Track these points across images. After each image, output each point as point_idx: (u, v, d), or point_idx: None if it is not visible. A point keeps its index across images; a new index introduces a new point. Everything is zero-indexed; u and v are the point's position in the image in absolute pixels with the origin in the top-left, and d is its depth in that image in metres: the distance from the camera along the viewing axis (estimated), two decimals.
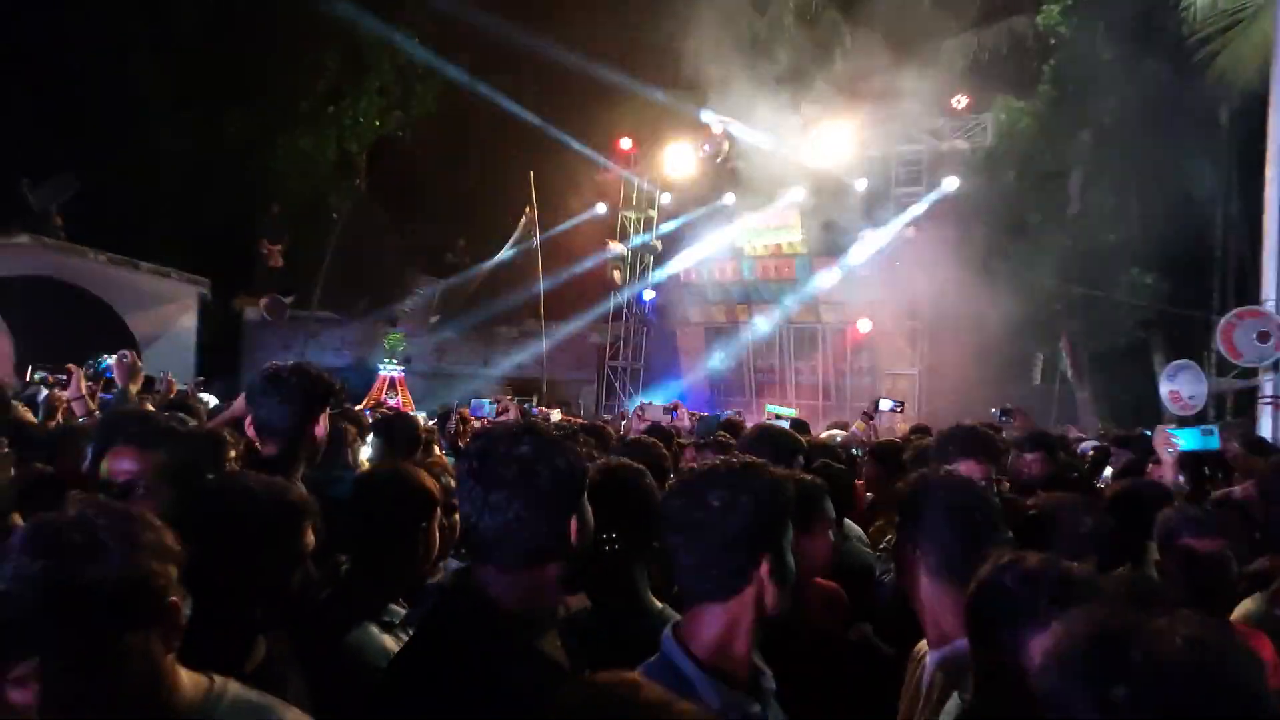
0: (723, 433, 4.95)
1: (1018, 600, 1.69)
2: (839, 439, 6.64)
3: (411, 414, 5.76)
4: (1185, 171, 14.91)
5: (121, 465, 2.51)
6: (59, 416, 4.93)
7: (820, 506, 2.67)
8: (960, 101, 17.05)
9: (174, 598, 1.45)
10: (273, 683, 1.98)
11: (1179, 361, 12.29)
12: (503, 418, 5.63)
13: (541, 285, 17.57)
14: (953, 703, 1.95)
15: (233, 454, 2.81)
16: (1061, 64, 16.00)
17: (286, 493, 1.98)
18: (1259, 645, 2.42)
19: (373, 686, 1.91)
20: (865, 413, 6.91)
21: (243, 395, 3.25)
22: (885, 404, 8.58)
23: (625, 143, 20.21)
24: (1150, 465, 4.83)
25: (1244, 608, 2.87)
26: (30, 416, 4.78)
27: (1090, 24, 15.35)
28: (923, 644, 2.25)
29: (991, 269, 16.32)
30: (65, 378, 5.11)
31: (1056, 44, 16.14)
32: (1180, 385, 11.89)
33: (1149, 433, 8.23)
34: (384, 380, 17.44)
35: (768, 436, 3.62)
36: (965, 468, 2.99)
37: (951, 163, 17.14)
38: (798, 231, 18.34)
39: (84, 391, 4.79)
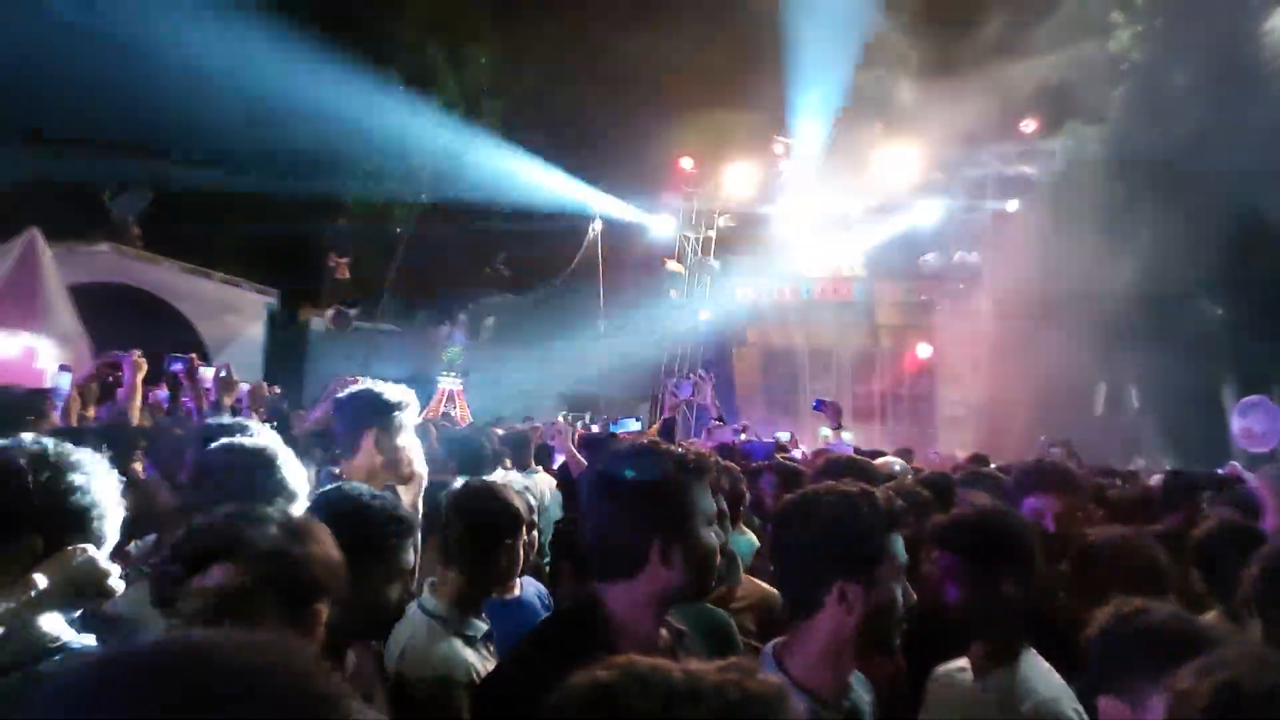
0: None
1: (1140, 657, 1.71)
2: (896, 468, 6.56)
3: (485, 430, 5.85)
4: (1259, 200, 14.53)
5: None
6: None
7: None
8: (1029, 126, 16.83)
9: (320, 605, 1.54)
10: (362, 694, 2.05)
11: (1252, 397, 11.95)
12: (555, 440, 5.66)
13: (602, 302, 17.68)
14: None
15: None
16: (1133, 90, 15.73)
17: (397, 507, 2.05)
18: None
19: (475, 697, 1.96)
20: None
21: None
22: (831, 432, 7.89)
23: (686, 163, 20.30)
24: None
25: None
26: None
27: (1165, 50, 15.07)
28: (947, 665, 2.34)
29: (1056, 296, 16.05)
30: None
31: (1128, 69, 15.87)
32: (1253, 422, 11.55)
33: (1221, 471, 8.04)
34: (443, 393, 17.68)
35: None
36: (1045, 501, 2.99)
37: (1018, 187, 16.93)
38: (857, 253, 18.23)
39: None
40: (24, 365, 10.07)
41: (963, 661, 2.30)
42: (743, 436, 5.42)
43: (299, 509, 2.41)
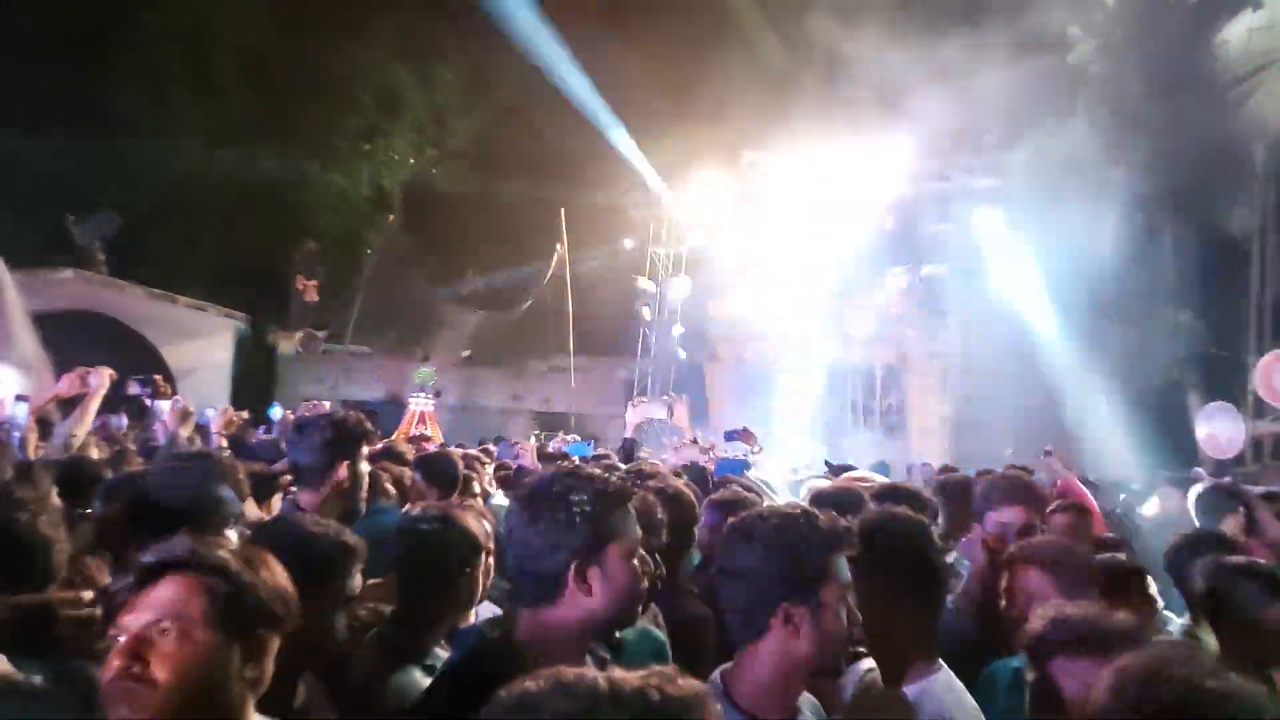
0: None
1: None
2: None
3: (450, 451, 5.78)
4: (1220, 210, 14.80)
5: None
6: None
7: None
8: (991, 138, 17.05)
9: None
10: None
11: (1216, 404, 12.15)
12: (520, 460, 5.62)
13: (571, 321, 17.66)
14: None
15: None
16: (1093, 101, 15.99)
17: (342, 535, 2.02)
18: None
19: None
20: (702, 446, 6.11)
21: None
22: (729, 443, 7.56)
23: (654, 180, 20.38)
24: None
25: None
26: None
27: (1122, 63, 15.34)
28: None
29: (1022, 307, 16.24)
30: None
31: (1088, 81, 16.13)
32: (1217, 428, 11.73)
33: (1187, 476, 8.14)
34: (414, 414, 17.55)
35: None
36: (1009, 514, 2.99)
37: (982, 200, 17.12)
38: (827, 269, 18.33)
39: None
40: None
41: (866, 663, 2.25)
42: (711, 454, 5.37)
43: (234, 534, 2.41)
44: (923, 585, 2.22)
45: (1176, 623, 3.23)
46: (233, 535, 2.33)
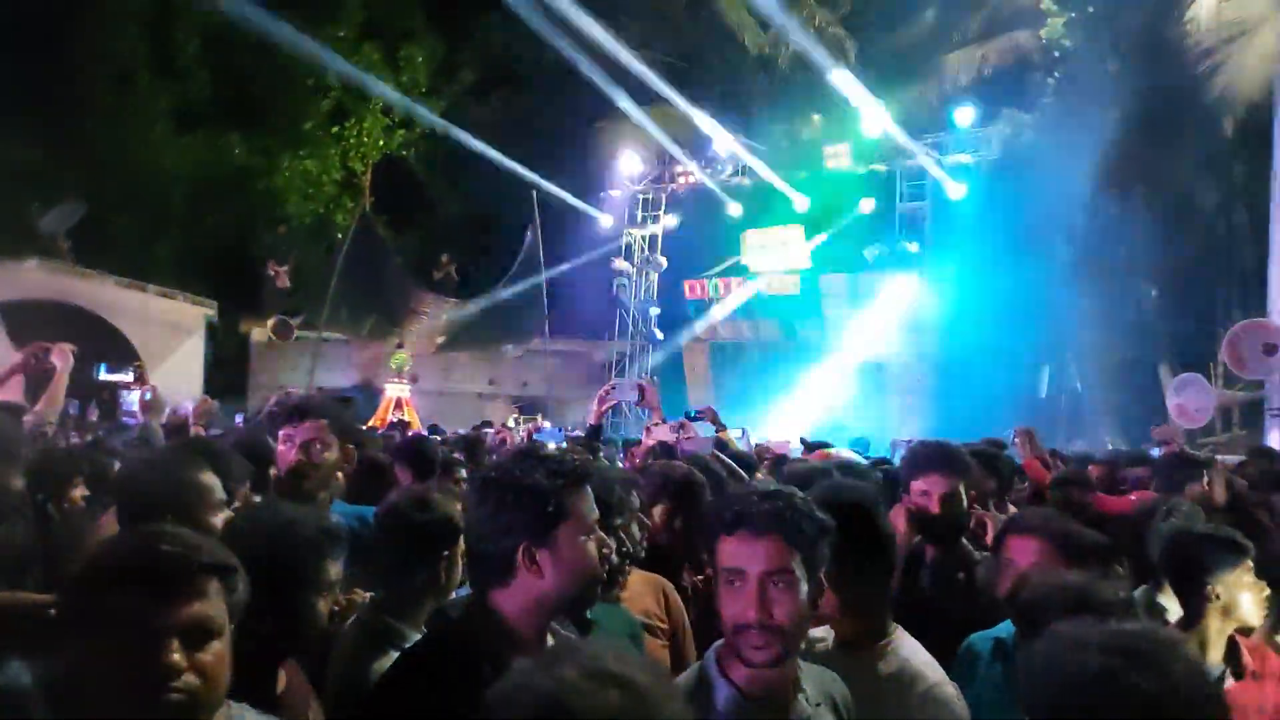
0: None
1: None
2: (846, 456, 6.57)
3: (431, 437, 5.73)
4: (1190, 183, 14.94)
5: None
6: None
7: None
8: (965, 116, 17.09)
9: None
10: (294, 712, 1.99)
11: (1185, 375, 12.28)
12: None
13: (546, 304, 17.57)
14: None
15: None
16: (1066, 77, 16.07)
17: (323, 521, 1.99)
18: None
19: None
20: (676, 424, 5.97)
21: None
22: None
23: (630, 160, 20.28)
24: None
25: None
26: None
27: (1095, 37, 15.40)
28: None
29: (997, 282, 16.35)
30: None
31: (1061, 57, 16.19)
32: (1187, 398, 11.87)
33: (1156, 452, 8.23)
34: (390, 400, 17.46)
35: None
36: (930, 482, 2.99)
37: (956, 177, 17.18)
38: (803, 247, 18.38)
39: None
40: None
41: (822, 631, 2.25)
42: (682, 434, 5.33)
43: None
44: (872, 553, 2.23)
45: (1136, 591, 3.27)
46: (219, 520, 2.30)
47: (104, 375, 15.76)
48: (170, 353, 17.24)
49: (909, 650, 2.20)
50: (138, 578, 1.38)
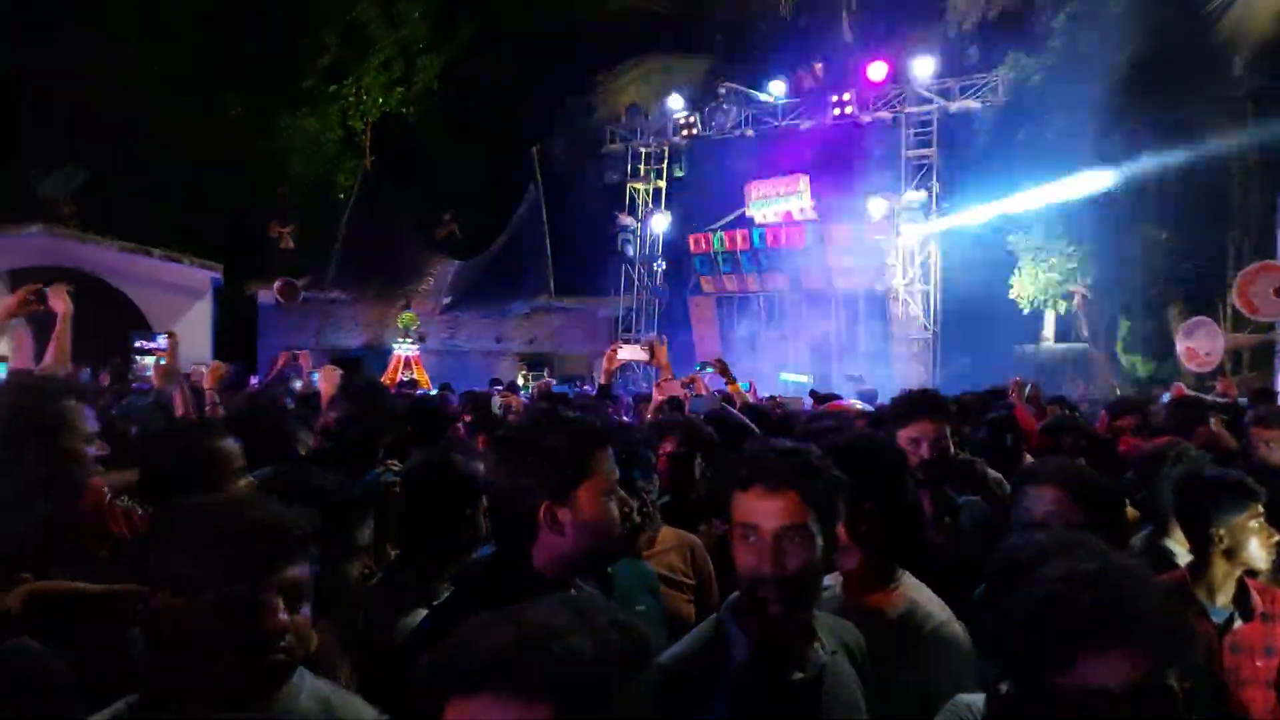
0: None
1: None
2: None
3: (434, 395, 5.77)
4: (1199, 124, 14.76)
5: None
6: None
7: None
8: (970, 59, 16.86)
9: None
10: (326, 669, 2.04)
11: (1195, 318, 12.23)
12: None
13: (550, 260, 17.54)
14: None
15: None
16: (1072, 17, 15.81)
17: (348, 486, 2.03)
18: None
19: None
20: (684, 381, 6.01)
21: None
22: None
23: (633, 113, 20.08)
24: None
25: None
26: None
27: None
28: None
29: (1003, 228, 16.27)
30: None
31: None
32: (1196, 342, 11.84)
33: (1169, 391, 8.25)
34: (399, 359, 17.53)
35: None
36: (920, 429, 3.06)
37: (963, 123, 17.00)
38: (807, 198, 18.25)
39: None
40: None
41: (830, 578, 2.28)
42: (692, 389, 5.36)
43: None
44: (889, 501, 2.28)
45: (1138, 535, 3.32)
46: (243, 484, 2.34)
47: (139, 344, 15.78)
48: (178, 316, 17.26)
49: (916, 592, 2.26)
50: (247, 542, 1.44)
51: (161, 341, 5.11)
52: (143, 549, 1.70)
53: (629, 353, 5.56)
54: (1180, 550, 2.98)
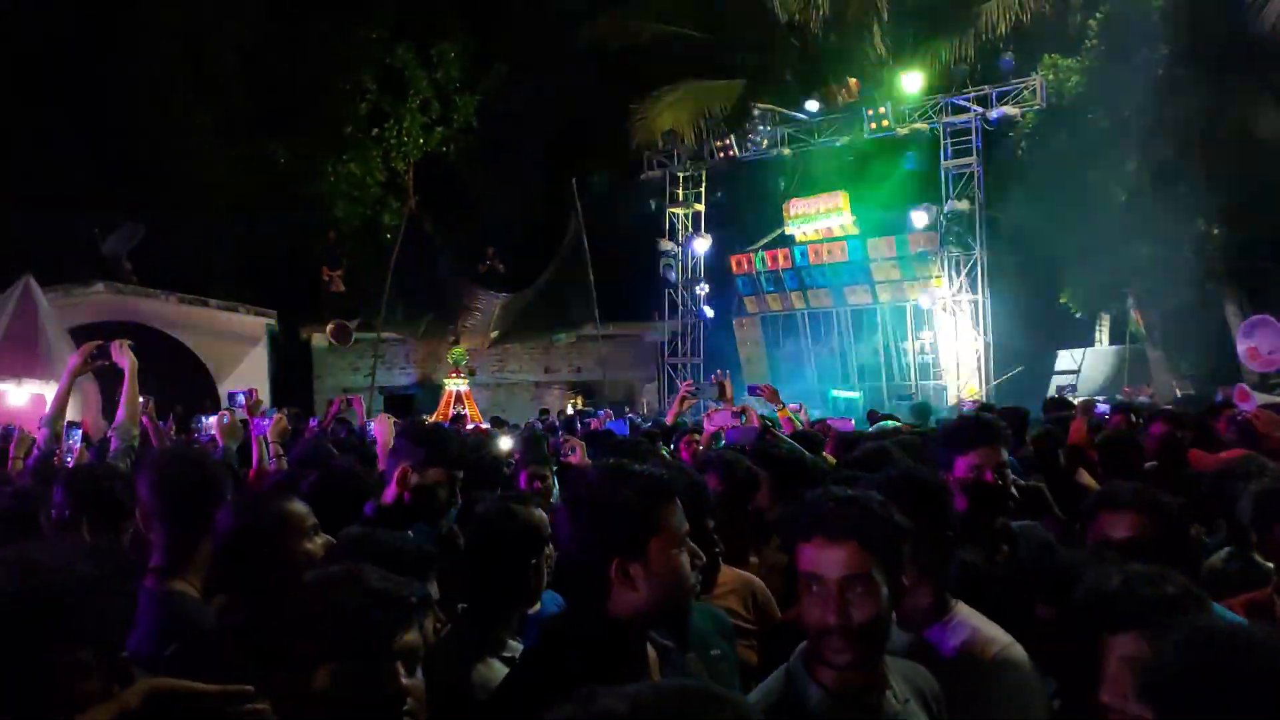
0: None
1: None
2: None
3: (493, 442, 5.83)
4: (1248, 115, 14.43)
5: None
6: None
7: None
8: (1007, 64, 16.70)
9: None
10: None
11: (1256, 316, 11.94)
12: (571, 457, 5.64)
13: (593, 288, 17.64)
14: None
15: None
16: (1109, 15, 15.61)
17: (419, 544, 2.09)
18: None
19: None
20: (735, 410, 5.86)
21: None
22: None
23: (668, 139, 20.21)
24: None
25: None
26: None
27: None
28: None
29: (1051, 233, 16.02)
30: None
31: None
32: (1258, 340, 11.55)
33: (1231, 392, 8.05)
34: (450, 395, 17.75)
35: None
36: (981, 455, 3.04)
37: (1002, 130, 16.83)
38: (848, 213, 18.18)
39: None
40: (35, 414, 10.12)
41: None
42: (744, 418, 5.34)
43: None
44: (938, 532, 2.33)
45: (1221, 552, 3.26)
46: (318, 543, 2.41)
47: (238, 399, 16.20)
48: (236, 363, 17.70)
49: (974, 619, 2.29)
50: (367, 613, 1.53)
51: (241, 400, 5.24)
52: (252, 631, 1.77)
53: (721, 418, 5.45)
54: (1268, 566, 2.94)
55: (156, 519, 2.59)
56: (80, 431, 5.41)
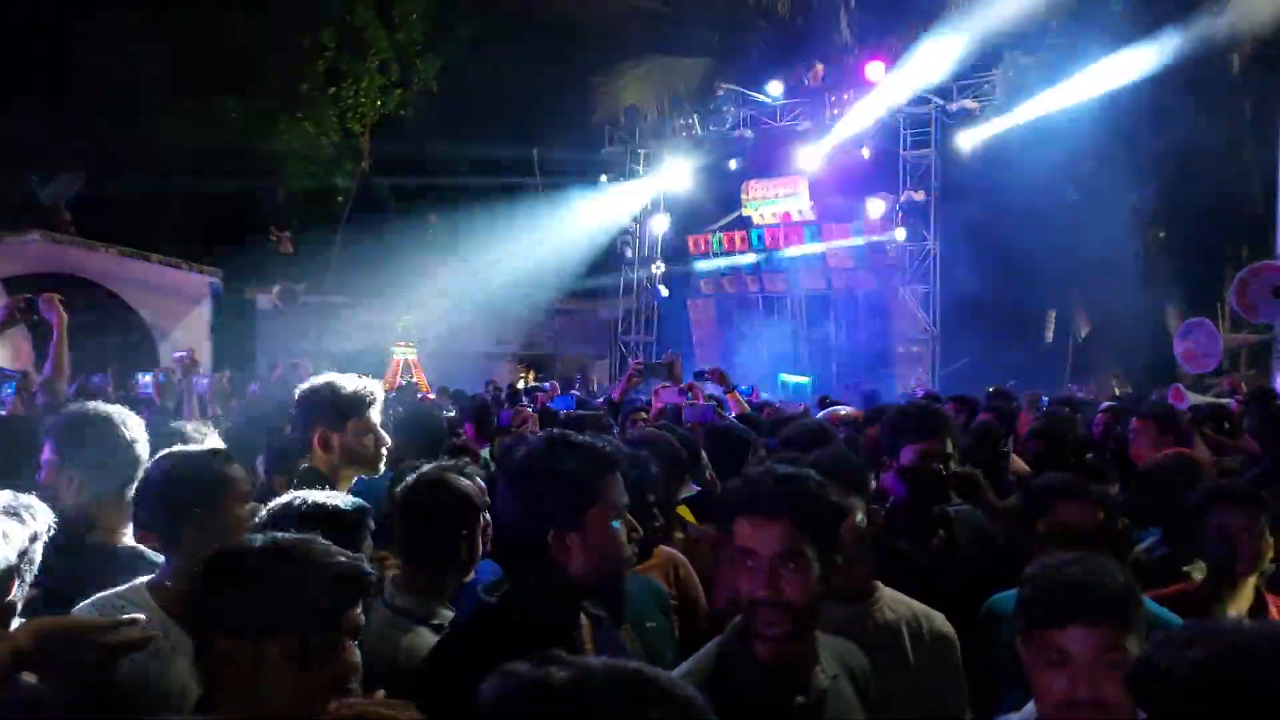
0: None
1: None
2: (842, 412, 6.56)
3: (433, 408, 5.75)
4: (1196, 123, 14.74)
5: None
6: None
7: None
8: (967, 60, 16.81)
9: None
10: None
11: (1192, 320, 12.23)
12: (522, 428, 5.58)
13: (549, 262, 17.53)
14: None
15: None
16: (1069, 16, 15.79)
17: (356, 505, 2.05)
18: None
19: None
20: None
21: None
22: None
23: (630, 115, 20.06)
24: None
25: None
26: None
27: None
28: None
29: (1001, 228, 16.23)
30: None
31: None
32: (1194, 343, 11.84)
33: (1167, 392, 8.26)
34: (398, 363, 17.51)
35: None
36: (928, 445, 3.06)
37: (960, 123, 16.97)
38: (806, 199, 18.24)
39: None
40: None
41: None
42: (689, 397, 5.36)
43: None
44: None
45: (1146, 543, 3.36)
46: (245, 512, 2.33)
47: (175, 354, 15.79)
48: (177, 322, 17.26)
49: (900, 601, 2.40)
50: (325, 589, 1.49)
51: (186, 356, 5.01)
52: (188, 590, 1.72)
53: (651, 373, 5.50)
54: (1196, 561, 3.02)
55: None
56: (14, 385, 5.21)
